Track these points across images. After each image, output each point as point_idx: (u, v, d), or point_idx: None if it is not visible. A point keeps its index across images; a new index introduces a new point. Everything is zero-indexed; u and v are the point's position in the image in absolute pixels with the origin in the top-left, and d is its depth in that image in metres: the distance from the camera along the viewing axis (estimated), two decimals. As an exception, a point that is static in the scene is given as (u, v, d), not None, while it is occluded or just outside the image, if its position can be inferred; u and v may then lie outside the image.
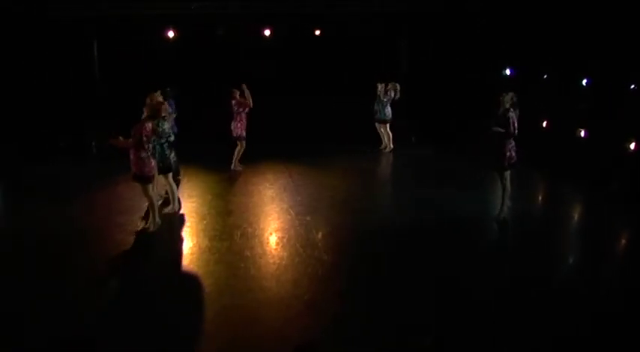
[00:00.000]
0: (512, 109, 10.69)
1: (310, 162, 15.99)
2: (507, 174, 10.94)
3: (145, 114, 11.19)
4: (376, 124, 18.00)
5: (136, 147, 10.28)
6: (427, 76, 19.62)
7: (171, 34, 19.22)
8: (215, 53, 20.14)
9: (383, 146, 17.98)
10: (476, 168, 14.50)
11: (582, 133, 14.84)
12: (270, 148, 17.69)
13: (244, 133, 15.38)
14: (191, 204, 12.57)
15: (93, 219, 11.70)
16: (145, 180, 10.50)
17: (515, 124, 10.67)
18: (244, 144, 15.52)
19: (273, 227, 11.24)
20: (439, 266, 9.13)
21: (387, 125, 17.83)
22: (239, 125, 15.28)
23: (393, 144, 17.88)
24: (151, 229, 10.69)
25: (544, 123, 16.24)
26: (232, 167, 15.63)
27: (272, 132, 18.53)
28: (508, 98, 10.78)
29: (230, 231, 10.76)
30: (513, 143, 10.76)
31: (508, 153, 10.73)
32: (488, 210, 11.73)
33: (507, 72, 17.98)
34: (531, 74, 16.67)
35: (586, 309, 7.67)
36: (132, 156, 10.39)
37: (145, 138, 10.26)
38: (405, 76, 20.25)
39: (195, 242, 10.33)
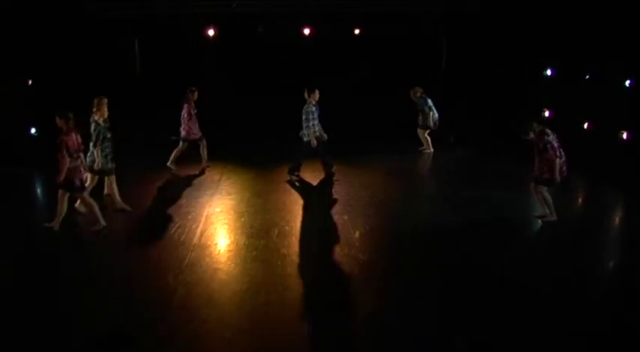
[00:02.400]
0: (546, 133, 10.54)
1: (349, 161, 15.95)
2: (545, 188, 10.85)
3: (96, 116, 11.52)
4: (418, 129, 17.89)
5: (59, 155, 10.29)
6: (467, 75, 19.50)
7: (211, 32, 19.37)
8: (255, 52, 20.26)
9: (423, 147, 17.87)
10: (516, 169, 14.38)
11: (625, 135, 14.63)
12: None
13: (192, 134, 15.44)
14: (229, 202, 12.66)
15: (132, 215, 11.84)
16: (76, 188, 10.58)
17: (555, 146, 10.53)
18: (185, 146, 15.60)
19: (311, 225, 11.24)
20: (477, 267, 9.06)
21: (426, 130, 17.70)
22: (186, 126, 15.39)
23: (432, 147, 17.77)
24: (55, 227, 10.72)
25: (585, 125, 16.04)
26: (168, 163, 15.65)
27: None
28: (536, 124, 10.66)
29: (267, 228, 10.79)
30: (562, 160, 10.61)
31: (553, 172, 10.58)
32: (528, 212, 11.62)
33: (548, 72, 17.80)
34: (573, 74, 16.47)
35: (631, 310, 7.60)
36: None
37: (68, 149, 10.29)
38: (445, 75, 20.18)
39: (232, 239, 10.38)
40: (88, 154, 11.47)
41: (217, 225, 11.22)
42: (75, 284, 8.62)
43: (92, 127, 11.53)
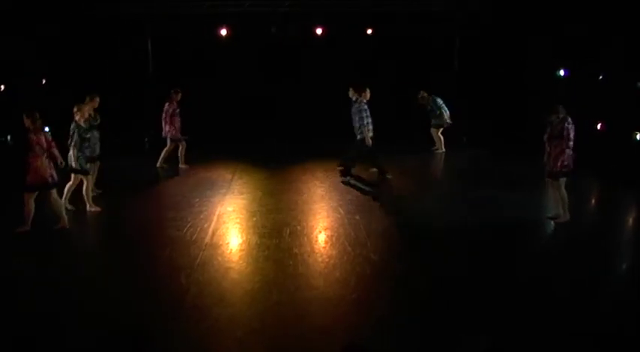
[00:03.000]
0: (568, 120, 10.52)
1: (361, 161, 15.93)
2: (562, 181, 10.77)
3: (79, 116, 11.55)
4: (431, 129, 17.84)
5: (30, 154, 10.37)
6: (479, 75, 19.44)
7: (224, 32, 19.40)
8: (268, 51, 20.30)
9: (436, 147, 17.83)
10: (528, 169, 14.33)
11: (639, 136, 14.54)
12: (321, 146, 17.73)
13: (179, 133, 15.83)
14: (241, 201, 12.68)
15: (145, 214, 11.90)
16: (29, 187, 10.51)
17: (571, 136, 10.50)
18: (185, 144, 15.98)
19: (322, 225, 11.25)
20: (490, 268, 9.03)
21: (439, 129, 17.68)
22: (173, 127, 15.68)
23: (444, 147, 17.72)
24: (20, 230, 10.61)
25: (599, 126, 15.95)
26: (180, 165, 16.01)
27: (324, 130, 18.59)
28: (562, 108, 10.63)
29: (279, 228, 10.79)
30: (571, 152, 10.58)
31: (563, 162, 10.55)
32: (540, 212, 11.57)
33: (562, 73, 17.71)
34: (587, 75, 16.39)
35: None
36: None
37: (37, 148, 10.35)
38: (457, 76, 20.13)
39: (244, 239, 10.39)
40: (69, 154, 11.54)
41: (229, 224, 11.23)
42: (86, 283, 8.64)
43: (71, 126, 11.56)
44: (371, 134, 14.06)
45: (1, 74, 16.82)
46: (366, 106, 14.04)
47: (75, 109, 11.61)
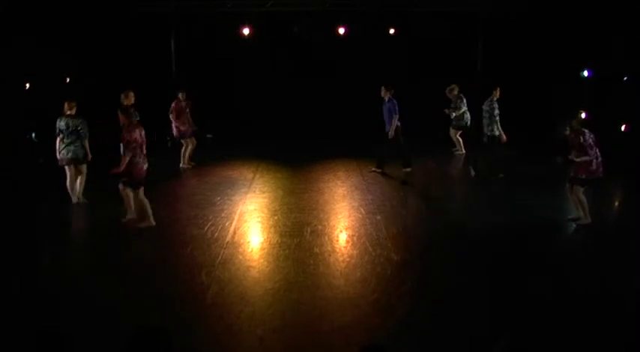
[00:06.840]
0: (583, 132, 10.44)
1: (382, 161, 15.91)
2: (581, 189, 10.70)
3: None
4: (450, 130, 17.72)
5: (128, 153, 10.46)
6: (502, 77, 19.33)
7: (246, 31, 19.45)
8: (290, 50, 20.32)
9: (455, 148, 17.72)
10: (549, 171, 14.24)
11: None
12: (343, 146, 17.73)
13: (189, 130, 15.88)
14: (263, 200, 12.71)
15: (167, 211, 11.92)
16: (134, 184, 10.64)
17: (592, 145, 10.45)
18: (195, 141, 16.00)
19: (343, 225, 11.24)
20: (510, 268, 9.01)
21: (458, 131, 17.55)
22: (180, 125, 15.77)
23: (465, 148, 17.58)
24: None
25: (623, 127, 15.83)
26: (181, 165, 16.00)
27: (345, 130, 18.58)
28: (575, 122, 10.58)
29: (300, 227, 10.81)
30: (595, 160, 10.50)
31: (587, 169, 10.48)
32: (561, 214, 11.48)
33: (585, 73, 17.57)
34: (611, 76, 16.26)
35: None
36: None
37: (128, 144, 10.46)
38: (480, 77, 20.04)
39: (265, 237, 10.42)
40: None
41: (250, 223, 11.27)
42: (106, 280, 8.69)
43: (78, 121, 11.95)
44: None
45: (26, 72, 16.92)
46: (396, 105, 14.25)
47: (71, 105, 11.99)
